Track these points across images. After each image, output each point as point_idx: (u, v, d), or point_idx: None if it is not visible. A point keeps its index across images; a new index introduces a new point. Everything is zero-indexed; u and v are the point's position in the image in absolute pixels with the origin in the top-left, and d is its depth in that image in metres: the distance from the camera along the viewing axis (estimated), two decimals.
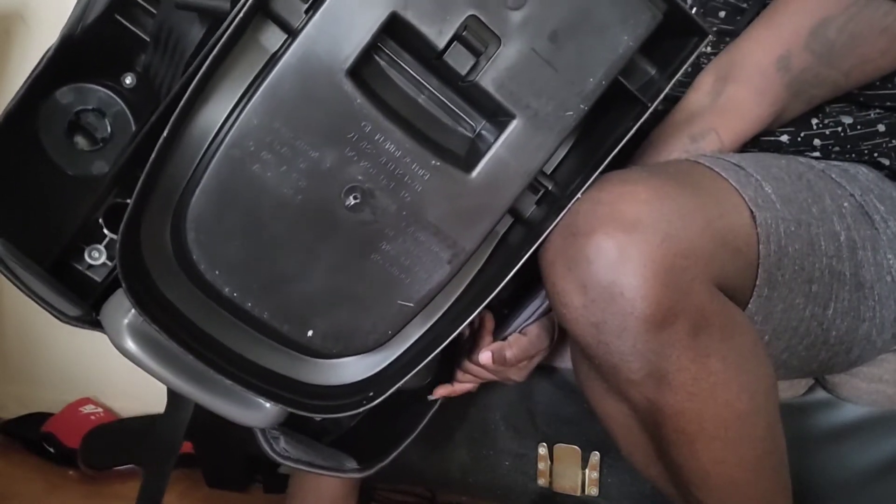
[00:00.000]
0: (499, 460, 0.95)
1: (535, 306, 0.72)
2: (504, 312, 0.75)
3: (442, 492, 1.14)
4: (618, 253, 0.53)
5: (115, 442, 1.25)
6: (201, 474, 1.19)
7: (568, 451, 0.92)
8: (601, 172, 0.58)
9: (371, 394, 0.61)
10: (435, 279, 0.58)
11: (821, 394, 0.83)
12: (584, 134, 0.63)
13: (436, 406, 0.72)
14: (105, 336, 0.67)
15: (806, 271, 0.63)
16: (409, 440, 0.71)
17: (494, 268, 0.63)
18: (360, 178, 0.55)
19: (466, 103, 0.59)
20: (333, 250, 0.56)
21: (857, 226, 0.68)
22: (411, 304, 0.59)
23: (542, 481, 0.93)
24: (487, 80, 0.54)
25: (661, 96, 0.57)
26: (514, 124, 0.55)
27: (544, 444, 0.93)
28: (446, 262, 0.58)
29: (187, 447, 1.21)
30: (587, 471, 0.92)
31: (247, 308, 0.57)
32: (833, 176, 0.70)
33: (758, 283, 0.61)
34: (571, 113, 0.55)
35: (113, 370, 1.40)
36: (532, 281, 0.72)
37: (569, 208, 0.57)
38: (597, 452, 0.91)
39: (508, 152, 0.56)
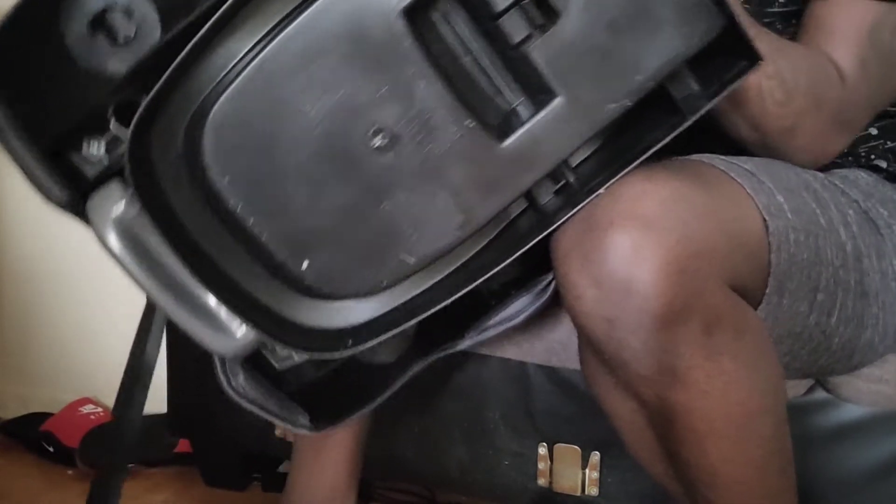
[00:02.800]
0: (498, 460, 0.95)
1: (524, 304, 0.71)
2: (491, 303, 0.74)
3: (441, 491, 1.14)
4: (634, 250, 0.53)
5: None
6: (199, 473, 1.19)
7: (568, 451, 0.92)
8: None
9: (350, 342, 0.60)
10: (442, 242, 0.57)
11: (821, 394, 0.83)
12: (613, 134, 0.62)
13: (398, 383, 0.71)
14: (105, 335, 0.67)
15: (812, 280, 0.64)
16: (364, 410, 0.70)
17: (497, 249, 0.62)
18: (390, 120, 0.53)
19: (510, 74, 0.57)
20: (348, 188, 0.55)
21: (862, 234, 0.68)
22: (413, 261, 0.57)
23: (541, 481, 0.93)
24: (538, 53, 0.53)
25: (700, 114, 0.56)
26: (554, 104, 0.54)
27: (544, 443, 0.93)
28: (457, 227, 0.56)
29: (185, 445, 1.22)
30: (587, 471, 0.91)
31: (247, 226, 0.55)
32: (837, 183, 0.71)
33: (768, 291, 0.61)
34: (614, 106, 0.54)
35: (113, 370, 1.40)
36: (523, 278, 0.72)
37: (585, 204, 0.57)
38: (597, 452, 0.91)
39: (544, 132, 0.55)
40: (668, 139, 0.56)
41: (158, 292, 0.60)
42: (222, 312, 0.61)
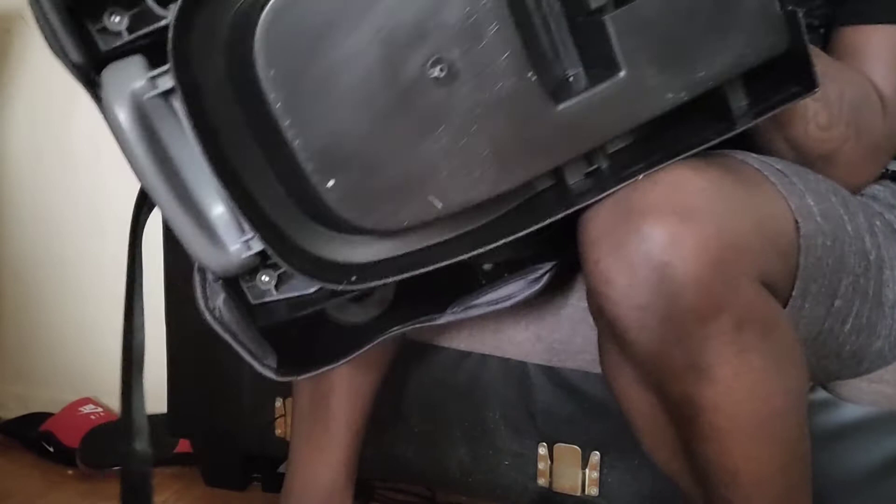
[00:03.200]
0: (498, 460, 0.95)
1: (515, 289, 0.71)
2: (481, 283, 0.74)
3: (441, 491, 1.14)
4: (672, 237, 0.52)
5: (115, 442, 1.25)
6: (200, 473, 1.19)
7: (568, 451, 0.92)
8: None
9: (354, 278, 0.58)
10: (472, 193, 0.55)
11: (821, 394, 0.83)
12: (651, 131, 0.61)
13: (367, 347, 0.69)
14: (105, 335, 0.66)
15: (832, 286, 0.63)
16: (328, 368, 0.68)
17: (516, 220, 0.61)
18: (454, 53, 0.51)
19: (572, 42, 0.55)
20: (395, 113, 0.53)
21: (887, 244, 0.68)
22: (439, 206, 0.54)
23: (542, 481, 0.93)
24: (613, 24, 0.51)
25: (747, 126, 0.56)
26: (617, 79, 0.53)
27: (544, 443, 0.93)
28: (490, 182, 0.54)
29: (185, 445, 1.22)
30: (587, 471, 0.91)
31: (281, 126, 0.52)
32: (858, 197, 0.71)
33: (794, 293, 0.61)
34: (671, 96, 0.53)
35: (113, 370, 1.39)
36: (519, 263, 0.71)
37: (614, 190, 0.56)
38: (597, 452, 0.91)
39: (599, 105, 0.53)
40: (711, 143, 0.56)
41: (157, 183, 0.57)
42: (220, 224, 0.59)
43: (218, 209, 0.60)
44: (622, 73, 0.53)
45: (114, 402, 1.39)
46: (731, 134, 0.56)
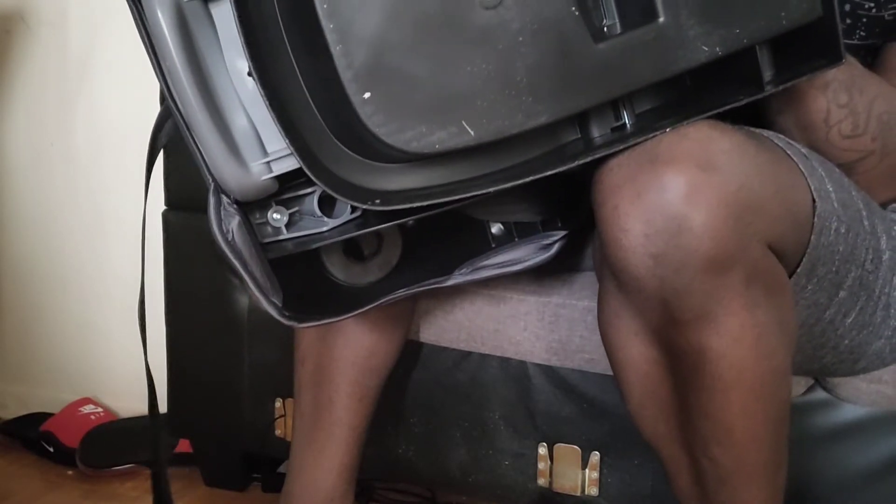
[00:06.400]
0: (498, 460, 0.95)
1: (525, 253, 0.71)
2: (492, 246, 0.74)
3: (442, 492, 1.14)
4: (693, 189, 0.53)
5: (115, 442, 1.25)
6: (199, 473, 1.19)
7: (568, 451, 0.92)
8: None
9: (378, 201, 0.58)
10: (505, 123, 0.54)
11: (821, 394, 0.83)
12: (682, 97, 0.62)
13: (375, 304, 0.69)
14: (105, 335, 0.66)
15: (840, 276, 0.64)
16: (334, 320, 0.68)
17: (539, 164, 0.60)
18: None
19: None
20: (440, 30, 0.52)
21: None
22: (472, 134, 0.54)
23: (542, 481, 0.93)
24: None
25: (775, 91, 0.57)
26: (653, 25, 0.54)
27: (544, 443, 0.93)
28: (525, 112, 0.54)
29: (185, 445, 1.22)
30: (587, 471, 0.92)
31: (326, 27, 0.51)
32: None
33: (798, 270, 0.61)
34: (707, 50, 0.54)
35: (113, 370, 1.41)
36: (530, 227, 0.72)
37: (636, 143, 0.56)
38: (597, 452, 0.91)
39: (636, 49, 0.54)
40: (740, 103, 0.57)
41: (188, 87, 0.57)
42: (243, 140, 0.59)
43: (242, 125, 0.59)
44: (661, 20, 0.54)
45: (114, 402, 1.39)
46: (759, 96, 0.57)
